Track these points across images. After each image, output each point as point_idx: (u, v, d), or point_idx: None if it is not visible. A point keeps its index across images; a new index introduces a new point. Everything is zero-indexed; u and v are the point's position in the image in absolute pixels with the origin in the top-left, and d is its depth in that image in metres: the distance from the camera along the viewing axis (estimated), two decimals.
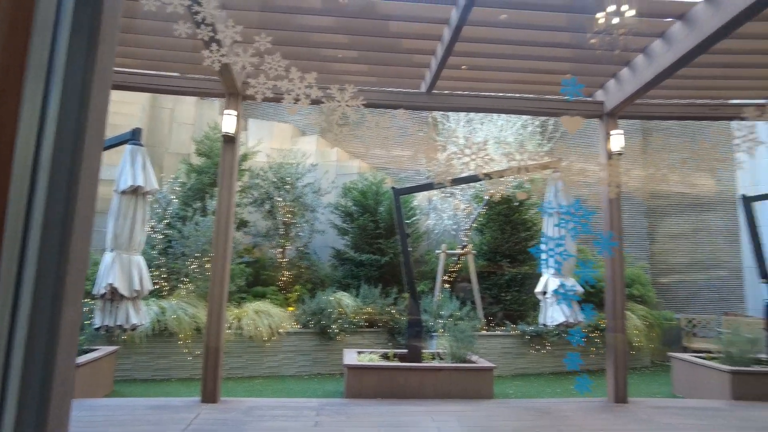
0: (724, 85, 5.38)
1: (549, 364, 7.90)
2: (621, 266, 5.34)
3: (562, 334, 7.61)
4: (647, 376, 7.90)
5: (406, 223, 9.35)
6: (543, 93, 5.50)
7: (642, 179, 11.41)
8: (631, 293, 8.84)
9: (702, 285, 11.47)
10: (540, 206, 2.04)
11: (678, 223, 11.84)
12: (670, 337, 9.28)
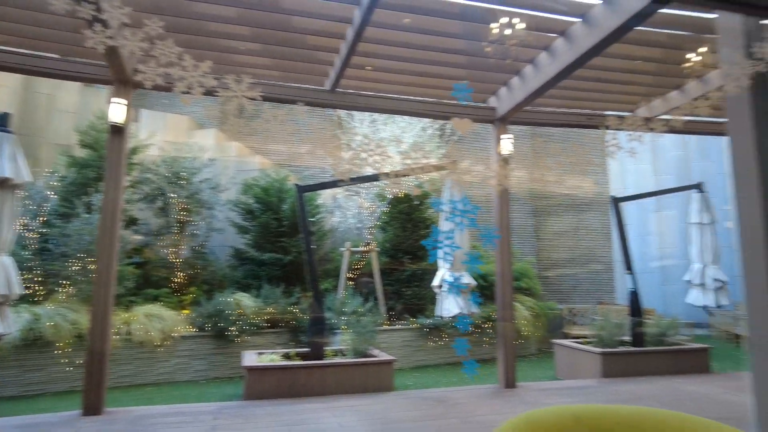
0: (597, 97, 6.00)
1: (446, 354, 8.28)
2: (509, 261, 5.76)
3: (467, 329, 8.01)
4: (534, 362, 8.58)
5: (311, 221, 9.29)
6: (442, 97, 5.75)
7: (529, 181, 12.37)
8: (520, 286, 9.55)
9: (581, 277, 12.70)
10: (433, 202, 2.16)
11: (561, 222, 13.00)
12: (554, 325, 10.16)
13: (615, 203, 7.41)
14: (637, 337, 6.82)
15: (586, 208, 13.07)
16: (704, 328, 10.96)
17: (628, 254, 7.23)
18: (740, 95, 2.42)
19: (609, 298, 12.31)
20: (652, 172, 12.92)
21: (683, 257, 10.91)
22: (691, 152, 12.85)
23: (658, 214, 12.76)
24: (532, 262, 11.27)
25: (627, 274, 7.16)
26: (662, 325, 7.05)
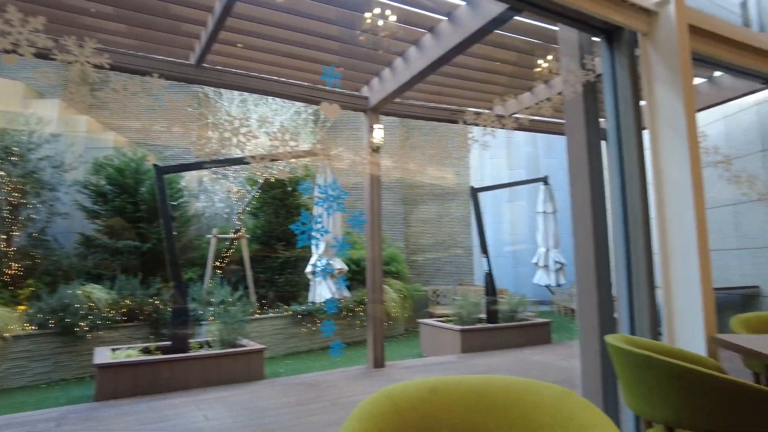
0: (460, 93, 6.41)
1: (319, 340, 8.35)
2: (379, 247, 5.96)
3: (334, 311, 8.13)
4: (402, 341, 9.03)
5: (172, 205, 8.65)
6: (315, 82, 5.71)
7: (400, 170, 12.86)
8: (390, 270, 9.94)
9: (444, 261, 13.61)
10: (301, 185, 2.15)
11: (427, 210, 13.76)
12: (420, 306, 10.77)
13: (473, 193, 8.04)
14: (491, 314, 7.52)
15: (449, 198, 14.00)
16: (547, 305, 12.47)
17: (484, 239, 7.91)
18: (575, 100, 2.78)
19: (468, 280, 13.38)
20: (506, 166, 14.25)
21: (532, 242, 12.24)
22: (540, 149, 14.42)
23: (510, 204, 14.13)
24: (401, 248, 11.79)
25: (483, 257, 7.83)
26: (513, 303, 7.85)
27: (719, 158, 3.40)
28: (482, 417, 1.09)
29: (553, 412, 1.04)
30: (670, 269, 2.60)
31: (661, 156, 2.66)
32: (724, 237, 7.08)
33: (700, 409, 1.49)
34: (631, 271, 2.76)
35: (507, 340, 7.19)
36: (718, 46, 3.18)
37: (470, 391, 1.14)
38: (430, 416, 1.10)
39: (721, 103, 6.43)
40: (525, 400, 1.09)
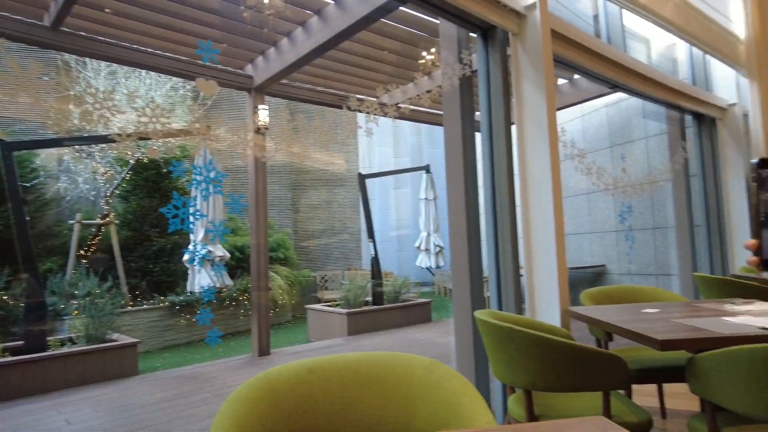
0: (347, 79, 6.44)
1: (199, 331, 7.97)
2: (265, 232, 5.83)
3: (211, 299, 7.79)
4: (289, 328, 8.95)
5: (24, 186, 7.63)
6: (193, 57, 5.36)
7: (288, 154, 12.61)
8: (277, 256, 9.76)
9: (333, 246, 13.66)
10: (173, 166, 2.01)
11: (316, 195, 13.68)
12: (308, 292, 10.74)
13: (361, 179, 8.17)
14: (377, 296, 7.75)
15: (338, 183, 14.05)
16: (429, 286, 13.14)
17: (371, 225, 8.10)
18: (453, 93, 2.94)
19: (356, 265, 13.60)
20: (393, 154, 14.66)
21: (415, 227, 12.77)
22: (424, 139, 15.02)
23: (396, 191, 14.59)
24: (289, 234, 11.62)
25: (370, 242, 8.02)
26: (397, 285, 8.16)
27: (575, 152, 3.82)
28: (358, 391, 1.14)
29: (423, 381, 1.12)
30: (532, 251, 2.89)
31: (525, 149, 2.93)
32: (580, 222, 8.00)
33: (553, 371, 1.69)
34: (499, 253, 3.01)
35: (391, 320, 7.48)
36: (575, 52, 3.56)
37: (346, 368, 1.18)
38: (307, 395, 1.12)
39: (580, 102, 7.22)
40: (397, 373, 1.15)
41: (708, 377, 1.52)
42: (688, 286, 5.32)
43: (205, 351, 7.13)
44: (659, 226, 6.76)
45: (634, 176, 5.39)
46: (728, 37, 5.02)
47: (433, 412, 1.07)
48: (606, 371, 1.66)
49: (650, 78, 4.38)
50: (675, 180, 5.42)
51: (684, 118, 5.44)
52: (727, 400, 1.46)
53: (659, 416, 2.91)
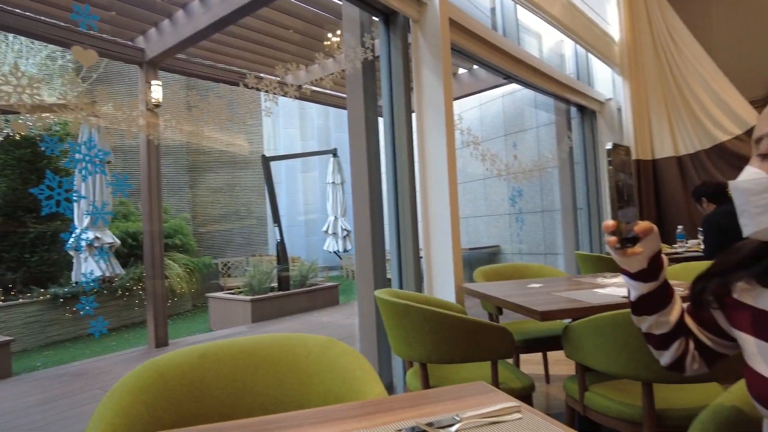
0: (248, 56, 6.19)
1: (87, 325, 7.35)
2: (159, 218, 5.48)
3: (102, 290, 7.22)
4: (189, 318, 8.55)
5: None
6: (73, 23, 4.85)
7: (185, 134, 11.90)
8: (174, 243, 9.24)
9: (236, 232, 13.20)
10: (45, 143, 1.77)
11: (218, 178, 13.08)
12: (210, 280, 10.31)
13: (265, 161, 7.95)
14: (283, 282, 7.64)
15: (242, 166, 13.54)
16: (337, 270, 13.19)
17: (276, 209, 7.93)
18: (355, 76, 2.95)
19: (261, 251, 13.27)
20: (299, 137, 14.40)
21: (323, 212, 12.71)
22: (331, 123, 14.92)
23: (304, 175, 14.39)
24: (187, 219, 11.03)
25: (275, 226, 7.87)
26: (304, 269, 8.10)
27: (471, 139, 4.01)
28: (253, 374, 1.13)
29: (319, 360, 1.14)
30: (430, 233, 3.01)
31: (424, 135, 3.03)
32: (477, 206, 8.45)
33: (446, 344, 1.79)
34: (400, 235, 3.10)
35: (298, 305, 7.42)
36: (473, 42, 3.72)
37: (241, 351, 1.16)
38: (199, 381, 1.09)
39: (478, 92, 7.57)
40: (294, 353, 1.16)
41: (579, 342, 1.70)
42: (572, 263, 5.86)
43: (96, 345, 6.61)
44: (547, 210, 7.35)
45: (525, 163, 5.80)
46: (606, 39, 5.53)
47: (328, 389, 1.09)
48: (494, 342, 1.79)
49: (541, 71, 4.70)
50: (561, 167, 5.91)
51: (570, 110, 5.93)
52: (593, 361, 1.65)
53: (544, 381, 3.20)
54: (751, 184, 0.67)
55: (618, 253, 0.83)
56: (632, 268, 0.85)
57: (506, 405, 0.79)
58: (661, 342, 0.89)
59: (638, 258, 0.82)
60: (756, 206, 0.66)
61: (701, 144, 5.34)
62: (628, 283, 0.89)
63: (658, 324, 0.87)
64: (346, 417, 0.81)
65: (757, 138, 0.70)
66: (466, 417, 0.75)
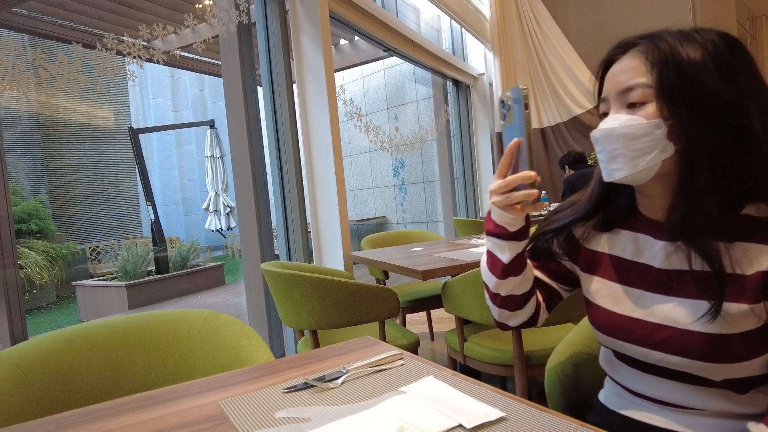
0: (105, 16, 5.53)
1: None
2: (7, 200, 4.79)
3: None
4: (54, 310, 7.69)
5: None
6: None
7: (34, 104, 10.44)
8: (29, 228, 8.18)
9: (104, 214, 12.01)
10: None
11: (78, 155, 11.71)
12: (76, 268, 9.31)
13: (133, 134, 7.29)
14: (161, 264, 7.16)
15: (106, 141, 12.26)
16: (221, 250, 12.65)
17: (149, 185, 7.35)
18: (230, 42, 2.80)
19: (135, 233, 12.25)
20: (172, 108, 13.35)
21: (202, 188, 12.03)
22: (207, 92, 14.02)
23: (179, 149, 13.43)
24: (44, 201, 9.78)
25: (148, 205, 7.30)
26: (183, 250, 7.66)
27: (354, 110, 4.04)
28: (130, 355, 1.07)
29: (201, 333, 1.10)
30: (317, 205, 3.01)
31: (307, 106, 2.99)
32: (363, 178, 8.59)
33: (334, 309, 1.83)
34: (286, 209, 3.06)
35: (181, 288, 7.03)
36: (352, 11, 3.70)
37: (115, 332, 1.08)
38: (66, 368, 1.00)
39: (360, 64, 7.59)
40: (175, 329, 1.11)
41: (457, 297, 1.84)
42: (450, 229, 6.24)
43: None
44: (428, 180, 7.70)
45: (406, 135, 5.99)
46: (478, 15, 5.83)
47: (213, 361, 1.06)
48: (380, 303, 1.86)
49: (419, 45, 4.84)
50: (439, 139, 6.19)
51: (446, 84, 6.20)
52: (470, 313, 1.80)
53: (429, 339, 3.41)
54: (631, 129, 0.70)
55: (517, 209, 0.77)
56: (515, 226, 0.80)
57: (389, 354, 0.84)
58: (521, 301, 0.89)
59: (520, 215, 0.80)
60: (634, 150, 0.70)
61: (561, 117, 5.92)
62: (501, 246, 0.83)
63: (524, 282, 0.87)
64: (233, 383, 0.81)
65: (624, 89, 0.73)
66: (352, 368, 0.79)
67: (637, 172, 0.72)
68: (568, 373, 1.01)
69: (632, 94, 0.72)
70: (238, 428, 0.63)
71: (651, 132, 0.70)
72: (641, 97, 0.71)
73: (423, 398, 0.67)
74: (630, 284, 0.80)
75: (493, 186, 0.78)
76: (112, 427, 0.68)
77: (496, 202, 0.78)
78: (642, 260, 0.79)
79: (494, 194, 0.78)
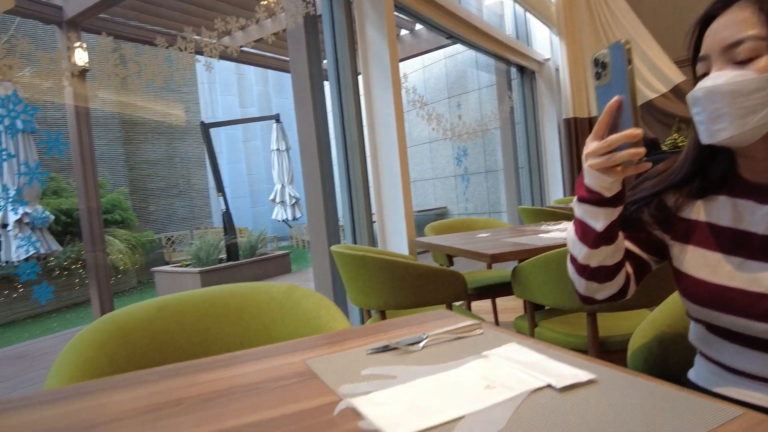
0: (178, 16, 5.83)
1: (23, 308, 6.96)
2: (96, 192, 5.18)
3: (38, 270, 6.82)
4: (136, 294, 8.27)
5: None
6: None
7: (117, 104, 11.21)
8: (113, 219, 8.82)
9: (177, 205, 12.73)
10: None
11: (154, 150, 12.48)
12: (154, 255, 9.96)
13: (205, 128, 7.66)
14: (232, 252, 7.50)
15: (179, 137, 12.97)
16: (287, 240, 13.07)
17: (219, 176, 7.70)
18: (298, 35, 2.87)
19: (206, 223, 12.91)
20: (238, 104, 13.91)
21: (269, 182, 12.46)
22: (271, 89, 14.47)
23: (245, 144, 13.98)
24: (125, 193, 10.51)
25: (219, 196, 7.66)
26: (252, 239, 7.98)
27: (417, 98, 4.04)
28: (216, 323, 1.13)
29: (282, 305, 1.15)
30: (382, 195, 3.05)
31: (372, 96, 3.01)
32: (423, 169, 8.57)
33: (402, 291, 1.85)
34: (352, 200, 3.12)
35: (249, 274, 7.34)
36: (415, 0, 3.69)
37: (203, 302, 1.15)
38: (161, 332, 1.08)
39: (421, 54, 7.55)
40: (257, 300, 1.17)
41: (527, 281, 1.81)
42: (515, 220, 6.11)
43: (36, 327, 6.29)
44: (491, 170, 7.56)
45: (469, 124, 5.91)
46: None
47: (294, 330, 1.11)
48: (447, 286, 1.86)
49: (482, 30, 4.75)
50: (502, 127, 6.06)
51: (510, 71, 6.05)
52: (541, 297, 1.76)
53: None
54: (738, 85, 0.66)
55: (617, 172, 0.73)
56: (611, 191, 0.75)
57: (468, 323, 0.85)
58: (612, 272, 0.84)
59: (618, 179, 0.75)
60: (742, 107, 0.66)
61: None
62: (594, 213, 0.78)
63: (616, 252, 0.82)
64: (314, 347, 0.84)
65: (731, 44, 0.69)
66: (432, 334, 0.80)
67: (745, 132, 0.67)
68: (654, 352, 0.97)
69: (741, 48, 0.67)
70: (327, 383, 0.66)
71: (764, 87, 0.65)
72: (752, 52, 0.67)
73: (508, 360, 0.67)
74: (729, 252, 0.76)
75: (591, 148, 0.74)
76: (208, 379, 0.73)
77: (595, 165, 0.73)
78: (743, 227, 0.75)
79: (592, 156, 0.74)
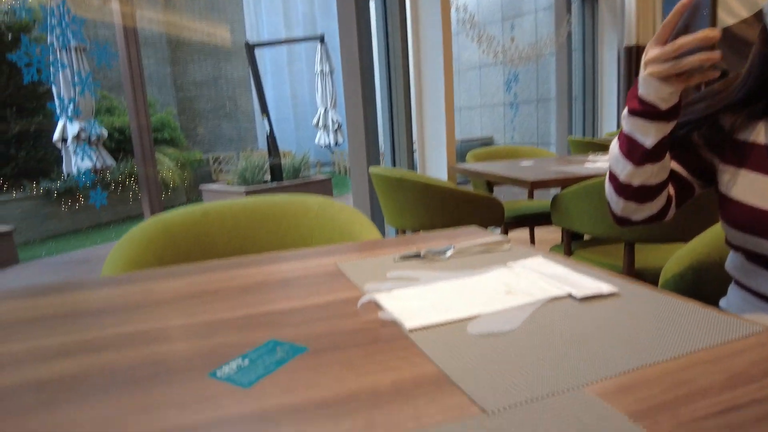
0: None
1: (85, 218, 7.47)
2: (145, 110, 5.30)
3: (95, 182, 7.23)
4: None
5: None
6: None
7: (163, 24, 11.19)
8: (162, 137, 9.10)
9: (224, 127, 12.96)
10: None
11: (200, 71, 12.54)
12: (201, 174, 10.32)
13: (249, 49, 7.58)
14: (276, 172, 7.67)
15: (225, 58, 12.93)
16: (329, 166, 13.19)
17: (264, 98, 7.71)
18: None
19: (252, 146, 13.14)
20: (283, 26, 13.60)
21: (312, 104, 12.40)
22: (317, 9, 14.00)
23: (290, 66, 13.82)
24: (173, 113, 10.75)
25: (264, 117, 7.71)
26: (296, 162, 8.10)
27: (467, 17, 3.82)
28: (255, 230, 1.18)
29: (318, 217, 1.19)
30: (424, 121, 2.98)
31: (419, 15, 2.87)
32: (471, 96, 8.27)
33: (439, 213, 1.86)
34: (393, 124, 3.07)
35: None
36: None
37: (243, 210, 1.20)
38: (204, 235, 1.14)
39: None
40: (294, 211, 1.20)
41: (567, 209, 1.77)
42: (563, 152, 5.90)
43: (96, 237, 6.77)
44: (542, 99, 7.22)
45: (522, 48, 5.58)
46: None
47: (328, 240, 1.15)
48: (484, 211, 1.86)
49: None
50: (558, 53, 5.69)
51: None
52: (580, 225, 1.73)
53: None
54: None
55: (680, 80, 0.69)
56: (668, 102, 0.71)
57: (497, 239, 0.85)
58: (654, 192, 0.81)
59: (678, 90, 0.70)
60: None
61: None
62: (646, 128, 0.74)
63: (661, 171, 0.79)
64: (346, 251, 0.87)
65: None
66: (459, 246, 0.81)
67: None
68: (687, 279, 0.95)
69: None
70: (354, 282, 0.69)
71: None
72: None
73: (532, 271, 0.68)
74: None
75: (655, 53, 0.68)
76: (247, 273, 0.78)
77: (657, 72, 0.68)
78: None
79: (655, 63, 0.68)
